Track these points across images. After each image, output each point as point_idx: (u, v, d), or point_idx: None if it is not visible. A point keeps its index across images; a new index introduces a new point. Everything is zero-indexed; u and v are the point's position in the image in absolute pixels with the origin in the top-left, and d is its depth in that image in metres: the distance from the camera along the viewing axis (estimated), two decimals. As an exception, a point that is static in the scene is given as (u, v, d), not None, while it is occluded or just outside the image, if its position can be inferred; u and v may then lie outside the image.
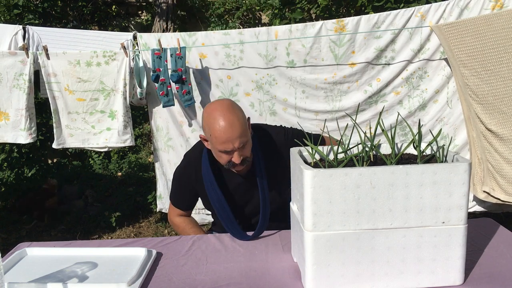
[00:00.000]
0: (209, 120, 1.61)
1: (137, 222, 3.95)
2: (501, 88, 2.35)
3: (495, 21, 2.30)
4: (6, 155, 4.07)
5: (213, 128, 1.59)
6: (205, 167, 1.74)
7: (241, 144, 1.59)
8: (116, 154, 5.43)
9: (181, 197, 1.92)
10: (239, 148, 1.59)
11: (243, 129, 1.60)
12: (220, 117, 1.58)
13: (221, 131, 1.56)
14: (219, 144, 1.59)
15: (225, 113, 1.59)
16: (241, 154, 1.61)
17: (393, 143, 1.33)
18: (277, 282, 1.32)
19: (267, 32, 2.70)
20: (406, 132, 2.80)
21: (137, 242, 1.65)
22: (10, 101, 2.76)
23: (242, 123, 1.60)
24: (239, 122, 1.59)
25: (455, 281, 1.25)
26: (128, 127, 2.86)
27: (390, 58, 2.68)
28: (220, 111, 1.60)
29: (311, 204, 1.17)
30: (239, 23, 6.13)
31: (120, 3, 6.78)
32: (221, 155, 1.63)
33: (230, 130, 1.56)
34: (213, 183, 1.71)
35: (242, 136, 1.59)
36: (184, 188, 1.89)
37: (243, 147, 1.61)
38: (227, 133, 1.56)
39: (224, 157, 1.63)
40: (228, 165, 1.65)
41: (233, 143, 1.57)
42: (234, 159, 1.61)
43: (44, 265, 1.45)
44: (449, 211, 1.19)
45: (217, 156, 1.66)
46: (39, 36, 2.86)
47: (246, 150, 1.64)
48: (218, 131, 1.57)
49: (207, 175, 1.73)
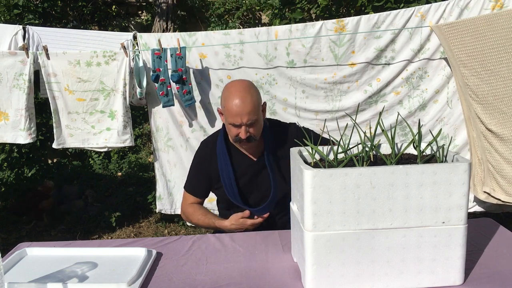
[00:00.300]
0: (226, 93, 1.77)
1: (137, 222, 3.95)
2: (501, 88, 2.35)
3: (495, 21, 2.30)
4: (6, 155, 4.07)
5: (227, 101, 1.74)
6: (220, 142, 1.87)
7: (249, 121, 1.72)
8: (116, 154, 5.43)
9: (197, 182, 1.98)
10: (247, 124, 1.72)
11: (254, 108, 1.72)
12: (236, 93, 1.74)
13: (233, 105, 1.71)
14: (229, 117, 1.73)
15: (241, 90, 1.74)
16: (248, 131, 1.74)
17: (393, 143, 1.33)
18: (277, 282, 1.32)
19: (267, 32, 2.70)
20: (406, 132, 2.80)
21: (137, 242, 1.65)
22: (10, 101, 2.76)
23: (254, 102, 1.73)
24: (251, 100, 1.72)
25: (455, 281, 1.24)
26: (128, 127, 2.85)
27: (390, 58, 2.68)
28: (237, 87, 1.77)
29: (311, 204, 1.17)
30: (239, 23, 6.13)
31: (120, 3, 6.78)
32: (231, 128, 1.77)
33: (241, 106, 1.70)
34: (226, 157, 1.84)
35: (251, 114, 1.71)
36: (200, 172, 1.96)
37: (251, 124, 1.73)
38: (238, 107, 1.70)
39: (233, 130, 1.76)
40: (235, 139, 1.78)
41: (241, 118, 1.71)
42: (241, 134, 1.74)
43: (44, 265, 1.45)
44: (449, 211, 1.19)
45: (228, 129, 1.81)
46: (39, 36, 2.86)
47: (254, 129, 1.76)
48: (231, 104, 1.72)
49: (221, 149, 1.85)
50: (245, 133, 1.73)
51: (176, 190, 3.06)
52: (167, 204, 3.08)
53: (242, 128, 1.73)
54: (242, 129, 1.73)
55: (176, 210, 3.09)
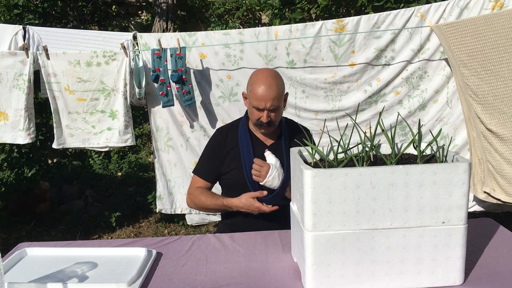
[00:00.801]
0: (254, 78, 1.88)
1: (137, 222, 3.95)
2: (501, 88, 2.35)
3: (495, 21, 2.30)
4: (6, 155, 4.07)
5: (253, 85, 1.84)
6: (242, 125, 1.97)
7: (272, 106, 1.81)
8: (116, 154, 5.43)
9: (208, 166, 2.01)
10: (269, 109, 1.82)
11: (278, 95, 1.83)
12: (263, 79, 1.84)
13: (259, 89, 1.81)
14: (254, 100, 1.83)
15: (268, 76, 1.85)
16: (270, 116, 1.84)
17: (393, 143, 1.33)
18: (277, 282, 1.32)
19: (267, 32, 2.70)
20: (406, 132, 2.80)
21: (137, 242, 1.65)
22: (10, 101, 2.76)
23: (279, 90, 1.83)
24: (277, 88, 1.83)
25: (455, 281, 1.24)
26: (129, 127, 2.86)
27: (390, 58, 2.68)
28: (265, 74, 1.87)
29: (311, 204, 1.17)
30: (239, 23, 6.13)
31: (120, 3, 6.78)
32: (254, 111, 1.86)
33: (266, 91, 1.80)
34: (248, 139, 1.93)
35: (275, 100, 1.81)
36: (213, 157, 2.00)
37: (273, 110, 1.84)
38: (264, 92, 1.80)
39: (255, 114, 1.85)
40: (256, 123, 1.87)
41: (265, 102, 1.80)
42: (263, 118, 1.83)
43: (44, 265, 1.45)
44: (449, 211, 1.19)
45: (250, 112, 1.90)
46: (39, 36, 2.86)
47: (275, 115, 1.85)
48: (257, 88, 1.82)
49: (243, 131, 1.95)
50: (266, 117, 1.83)
51: (176, 190, 3.06)
52: (167, 203, 3.08)
53: (264, 112, 1.83)
54: (264, 113, 1.83)
55: (176, 209, 3.09)
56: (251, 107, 1.86)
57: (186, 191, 3.07)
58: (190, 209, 3.07)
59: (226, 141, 1.97)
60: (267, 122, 1.84)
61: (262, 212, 1.80)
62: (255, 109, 1.84)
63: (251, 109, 1.87)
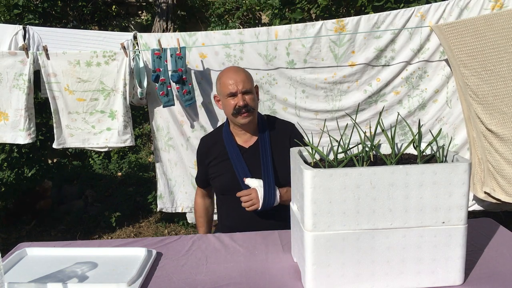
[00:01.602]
0: (220, 74, 1.97)
1: (137, 222, 3.95)
2: (501, 88, 2.35)
3: (495, 21, 2.30)
4: (6, 155, 4.07)
5: (221, 78, 1.93)
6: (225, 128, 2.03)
7: (244, 88, 1.88)
8: (116, 154, 5.43)
9: (200, 173, 2.14)
10: (243, 92, 1.87)
11: (247, 78, 1.91)
12: (227, 69, 1.97)
13: (227, 75, 1.91)
14: (225, 88, 1.89)
15: (232, 67, 2.00)
16: (245, 99, 1.88)
17: (393, 143, 1.33)
18: (277, 282, 1.32)
19: (267, 32, 2.70)
20: (406, 131, 2.80)
21: (137, 242, 1.65)
22: (10, 101, 2.76)
23: (246, 74, 1.93)
24: (244, 71, 1.94)
25: (455, 281, 1.24)
26: (128, 127, 2.86)
27: (390, 58, 2.68)
28: (229, 67, 2.01)
29: (311, 204, 1.17)
30: (239, 23, 6.12)
31: (120, 3, 6.78)
32: (229, 102, 1.90)
33: (234, 75, 1.90)
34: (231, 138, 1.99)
35: (245, 82, 1.89)
36: (201, 164, 2.10)
37: (246, 93, 1.89)
38: (232, 75, 1.90)
39: (231, 103, 1.89)
40: (234, 112, 1.89)
41: (236, 85, 1.87)
42: (238, 102, 1.87)
43: (44, 265, 1.45)
44: (449, 211, 1.19)
45: (226, 105, 1.92)
46: (39, 36, 2.86)
47: (249, 99, 1.89)
48: (225, 76, 1.91)
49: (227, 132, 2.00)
50: (242, 100, 1.87)
51: (177, 189, 3.06)
52: (168, 202, 3.08)
53: (238, 96, 1.87)
54: (239, 97, 1.87)
55: (177, 208, 3.10)
56: (226, 99, 1.91)
57: (186, 190, 3.12)
58: (191, 208, 3.08)
59: (210, 149, 2.04)
60: (243, 104, 1.86)
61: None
62: (230, 98, 1.89)
63: (226, 101, 1.91)
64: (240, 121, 1.91)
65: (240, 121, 1.92)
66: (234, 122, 1.95)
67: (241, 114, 1.89)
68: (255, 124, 2.00)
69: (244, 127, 1.97)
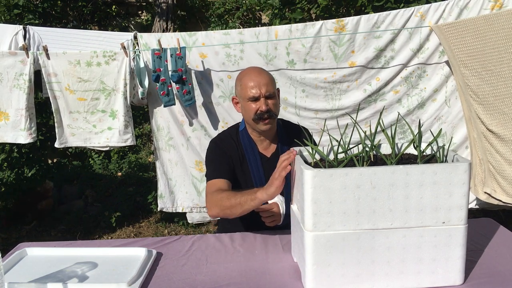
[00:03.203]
0: (241, 74, 1.83)
1: (137, 222, 3.95)
2: (502, 89, 2.35)
3: (496, 21, 2.30)
4: (6, 155, 4.07)
5: (243, 79, 1.79)
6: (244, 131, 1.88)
7: (267, 92, 1.74)
8: (116, 154, 5.44)
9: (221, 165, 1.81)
10: (266, 96, 1.74)
11: (271, 81, 1.78)
12: (251, 69, 1.84)
13: (249, 76, 1.77)
14: (248, 91, 1.75)
15: (255, 68, 1.86)
16: (267, 103, 1.75)
17: (393, 143, 1.33)
18: (277, 282, 1.32)
19: (267, 32, 2.70)
20: (405, 130, 2.81)
21: (137, 242, 1.65)
22: (10, 101, 2.76)
23: (270, 77, 1.80)
24: (267, 74, 1.80)
25: (455, 281, 1.25)
26: (129, 126, 2.86)
27: (390, 58, 2.69)
28: (251, 67, 1.88)
29: (311, 204, 1.17)
30: (239, 23, 6.13)
31: (120, 3, 6.77)
32: (250, 105, 1.76)
33: (258, 77, 1.76)
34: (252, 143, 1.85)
35: (269, 86, 1.76)
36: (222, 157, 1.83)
37: (270, 97, 1.76)
38: (255, 77, 1.76)
39: (252, 107, 1.75)
40: (255, 117, 1.75)
41: (260, 88, 1.74)
42: (261, 107, 1.74)
43: (44, 265, 1.45)
44: (449, 211, 1.19)
45: (247, 110, 1.78)
46: (39, 36, 2.86)
47: (272, 104, 1.77)
48: (248, 79, 1.77)
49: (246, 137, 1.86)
50: (265, 104, 1.73)
51: (177, 189, 3.06)
52: (169, 202, 3.08)
53: (261, 100, 1.74)
54: (262, 101, 1.74)
55: (177, 208, 3.10)
56: (246, 102, 1.76)
57: (187, 190, 3.11)
58: (191, 208, 3.08)
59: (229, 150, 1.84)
60: (266, 110, 1.72)
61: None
62: (251, 102, 1.75)
63: (247, 105, 1.76)
64: (261, 127, 1.78)
65: (260, 128, 1.78)
66: (254, 127, 1.81)
67: (262, 120, 1.75)
68: (274, 131, 1.88)
69: (263, 133, 1.84)
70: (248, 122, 1.83)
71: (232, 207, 1.56)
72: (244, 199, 1.52)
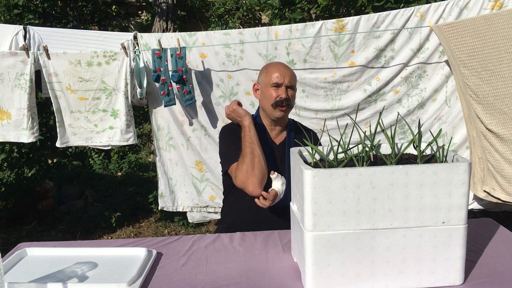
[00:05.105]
0: (268, 64, 2.00)
1: (137, 222, 3.95)
2: (501, 88, 2.35)
3: (496, 21, 2.30)
4: (6, 155, 4.07)
5: (268, 68, 1.94)
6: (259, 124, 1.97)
7: (289, 83, 1.89)
8: (116, 154, 5.44)
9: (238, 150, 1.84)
10: (287, 86, 1.89)
11: (294, 76, 1.94)
12: (276, 63, 2.00)
13: (275, 66, 1.93)
14: (273, 78, 1.88)
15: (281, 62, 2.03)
16: (287, 93, 1.88)
17: (393, 143, 1.33)
18: (277, 282, 1.32)
19: (267, 32, 2.70)
20: (405, 130, 2.81)
21: (137, 242, 1.65)
22: (12, 101, 2.77)
23: (294, 73, 1.95)
24: (292, 70, 1.95)
25: (455, 281, 1.24)
26: (130, 126, 2.87)
27: (390, 58, 2.69)
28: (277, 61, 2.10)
29: (311, 204, 1.17)
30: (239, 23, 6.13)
31: (120, 3, 6.78)
32: (271, 91, 1.88)
33: (284, 68, 1.92)
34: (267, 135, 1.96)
35: (292, 78, 1.91)
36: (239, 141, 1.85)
37: (291, 88, 1.90)
38: (281, 68, 1.91)
39: (273, 93, 1.88)
40: (275, 103, 1.87)
41: (284, 77, 1.88)
42: (282, 94, 1.87)
43: (44, 265, 1.45)
44: (449, 211, 1.19)
45: (267, 95, 1.90)
46: (40, 36, 2.87)
47: (291, 95, 1.91)
48: (273, 66, 1.94)
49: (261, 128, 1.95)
50: (285, 92, 1.87)
51: (177, 188, 3.07)
52: (169, 201, 3.09)
53: (282, 88, 1.87)
54: (283, 89, 1.87)
55: (178, 207, 3.10)
56: (268, 88, 1.89)
57: (187, 190, 3.12)
58: (191, 207, 3.09)
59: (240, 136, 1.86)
60: (285, 98, 1.86)
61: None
62: (273, 88, 1.88)
63: (268, 91, 1.89)
64: (276, 113, 1.89)
65: (275, 114, 1.90)
66: (269, 114, 1.92)
67: (280, 107, 1.87)
68: (286, 122, 2.01)
69: (277, 121, 1.95)
70: (265, 108, 1.94)
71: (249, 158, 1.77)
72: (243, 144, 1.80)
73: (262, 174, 1.77)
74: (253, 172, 1.76)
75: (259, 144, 1.81)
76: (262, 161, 1.78)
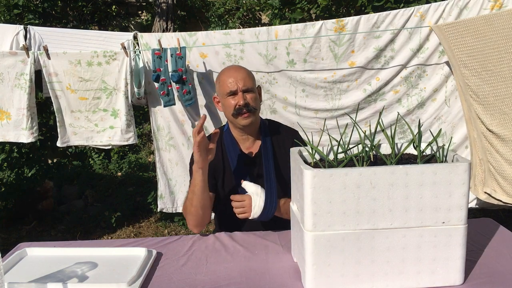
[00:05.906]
0: (219, 73, 1.87)
1: (137, 222, 3.95)
2: (502, 89, 2.35)
3: (496, 21, 2.30)
4: (6, 155, 4.07)
5: (221, 76, 1.83)
6: (227, 131, 1.90)
7: (244, 86, 1.77)
8: (116, 154, 5.44)
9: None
10: (243, 90, 1.77)
11: (248, 76, 1.81)
12: (228, 67, 1.89)
13: (227, 73, 1.81)
14: (226, 86, 1.78)
15: (233, 65, 1.92)
16: (245, 97, 1.77)
17: (393, 143, 1.33)
18: (277, 282, 1.32)
19: (267, 32, 2.70)
20: (405, 130, 2.81)
21: (137, 242, 1.65)
22: (12, 101, 2.77)
23: (248, 72, 1.83)
24: (245, 70, 1.83)
25: (455, 281, 1.25)
26: (131, 125, 2.87)
27: (390, 58, 2.69)
28: (230, 65, 1.92)
29: (311, 204, 1.17)
30: (239, 23, 6.13)
31: (120, 3, 6.78)
32: (229, 101, 1.78)
33: (235, 72, 1.80)
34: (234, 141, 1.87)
35: (246, 80, 1.78)
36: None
37: (247, 91, 1.78)
38: (233, 73, 1.80)
39: (231, 102, 1.78)
40: (234, 112, 1.78)
41: (237, 82, 1.77)
42: (239, 101, 1.76)
43: (44, 265, 1.45)
44: (449, 211, 1.19)
45: (226, 106, 1.81)
46: (40, 36, 2.87)
47: (250, 98, 1.78)
48: (224, 73, 1.82)
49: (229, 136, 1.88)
50: (242, 98, 1.76)
51: (177, 189, 3.06)
52: (169, 202, 3.08)
53: (239, 94, 1.77)
54: (239, 95, 1.76)
55: (177, 208, 3.10)
56: (225, 98, 1.79)
57: (187, 190, 3.10)
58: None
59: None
60: (244, 104, 1.74)
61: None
62: (230, 97, 1.78)
63: (225, 101, 1.79)
64: (241, 122, 1.78)
65: (240, 122, 1.79)
66: (235, 124, 1.83)
67: (241, 114, 1.76)
68: (257, 128, 1.88)
69: (245, 129, 1.84)
70: (229, 118, 1.86)
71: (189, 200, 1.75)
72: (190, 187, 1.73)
73: (197, 221, 1.78)
74: (189, 215, 1.78)
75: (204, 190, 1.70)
76: (199, 210, 1.73)
